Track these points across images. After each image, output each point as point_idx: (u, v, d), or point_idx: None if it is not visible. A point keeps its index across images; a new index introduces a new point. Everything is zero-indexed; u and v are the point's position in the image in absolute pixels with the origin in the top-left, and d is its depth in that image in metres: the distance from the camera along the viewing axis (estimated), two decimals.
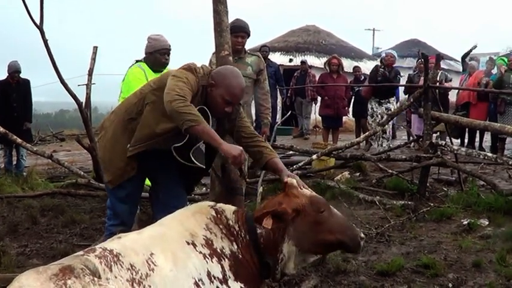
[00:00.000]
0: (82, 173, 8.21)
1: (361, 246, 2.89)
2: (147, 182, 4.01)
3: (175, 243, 2.55)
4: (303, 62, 15.44)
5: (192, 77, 3.26)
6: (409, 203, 6.27)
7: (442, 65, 12.73)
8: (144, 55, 5.35)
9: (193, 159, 3.34)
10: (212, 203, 2.92)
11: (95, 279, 2.16)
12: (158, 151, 3.49)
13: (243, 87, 3.42)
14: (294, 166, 7.70)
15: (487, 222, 5.64)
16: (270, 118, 5.96)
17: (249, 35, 5.74)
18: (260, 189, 6.07)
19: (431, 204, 6.20)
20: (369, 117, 11.33)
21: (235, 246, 2.72)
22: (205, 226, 2.71)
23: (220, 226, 2.75)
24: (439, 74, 11.15)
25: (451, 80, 11.97)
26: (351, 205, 6.30)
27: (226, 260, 2.64)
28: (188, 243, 2.58)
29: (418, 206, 6.14)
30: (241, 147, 3.08)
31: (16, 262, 4.65)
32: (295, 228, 2.73)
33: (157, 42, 5.23)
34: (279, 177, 3.18)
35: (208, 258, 2.57)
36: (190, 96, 3.14)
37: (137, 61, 5.33)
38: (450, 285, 4.11)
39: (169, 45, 5.28)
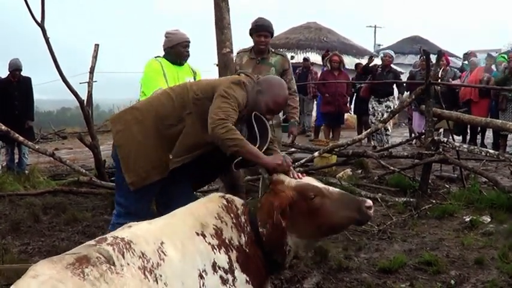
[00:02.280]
0: (84, 170, 8.21)
1: (370, 214, 2.77)
2: None
3: (184, 234, 2.55)
4: (306, 59, 15.43)
5: (241, 92, 3.31)
6: (411, 200, 6.26)
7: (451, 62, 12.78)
8: (163, 52, 5.35)
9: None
10: (222, 194, 2.94)
11: (112, 267, 2.16)
12: None
13: (287, 99, 3.55)
14: (296, 163, 7.68)
15: (489, 219, 5.63)
16: (297, 117, 5.88)
17: (272, 35, 5.64)
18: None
19: (434, 201, 6.21)
20: (371, 117, 11.43)
21: (243, 239, 2.72)
22: (217, 215, 2.71)
23: (231, 215, 2.76)
24: (449, 70, 11.20)
25: (460, 77, 11.98)
26: None
27: (233, 251, 2.65)
28: (198, 234, 2.58)
29: (420, 203, 6.13)
30: (282, 155, 3.10)
31: (18, 260, 4.64)
32: (292, 222, 2.72)
33: (177, 35, 5.23)
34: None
35: (216, 249, 2.58)
36: (235, 115, 3.20)
37: (156, 57, 5.34)
38: (452, 282, 4.11)
39: (188, 38, 5.26)
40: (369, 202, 2.77)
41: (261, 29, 5.47)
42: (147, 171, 3.48)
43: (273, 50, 5.68)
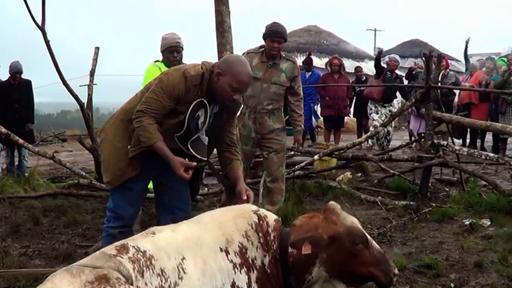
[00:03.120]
0: (84, 173, 8.21)
1: (393, 282, 2.83)
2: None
3: (208, 249, 2.51)
4: None
5: (177, 80, 3.35)
6: (411, 203, 6.27)
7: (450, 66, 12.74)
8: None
9: (191, 149, 3.45)
10: (255, 208, 2.87)
11: (130, 287, 2.13)
12: None
13: (250, 75, 3.45)
14: (296, 166, 7.71)
15: (489, 223, 5.63)
16: (302, 125, 5.91)
17: (285, 40, 5.64)
18: (261, 190, 6.07)
19: (433, 205, 6.20)
20: (373, 114, 11.31)
21: (267, 259, 2.69)
22: (244, 233, 2.66)
23: (260, 234, 2.70)
24: (449, 75, 11.16)
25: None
26: (352, 205, 6.30)
27: (255, 271, 2.62)
28: (221, 250, 2.55)
29: (420, 206, 6.13)
30: (182, 161, 3.29)
31: (18, 263, 4.65)
32: (328, 255, 2.68)
33: (166, 40, 5.23)
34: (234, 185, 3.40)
35: (237, 269, 2.55)
36: (159, 106, 3.34)
37: (155, 61, 5.34)
38: (452, 285, 4.11)
39: (178, 42, 5.24)
40: (396, 271, 2.82)
41: (274, 35, 5.47)
42: (121, 169, 3.53)
43: (284, 55, 5.68)
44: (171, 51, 5.21)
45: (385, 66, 11.95)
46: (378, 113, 11.27)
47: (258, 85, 5.40)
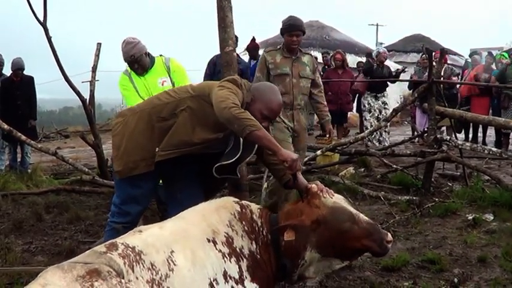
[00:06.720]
0: (86, 169, 8.21)
1: (389, 248, 2.87)
2: None
3: (196, 241, 2.55)
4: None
5: (239, 91, 3.29)
6: (414, 198, 6.25)
7: (448, 59, 12.72)
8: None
9: (238, 173, 3.44)
10: (236, 199, 2.93)
11: (122, 280, 2.16)
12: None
13: (281, 103, 3.49)
14: None
15: (492, 217, 5.62)
16: (329, 114, 5.87)
17: (304, 33, 5.57)
18: (265, 185, 6.07)
19: (436, 200, 6.19)
20: (366, 113, 11.37)
21: (255, 246, 2.73)
22: (228, 223, 2.71)
23: (243, 222, 2.75)
24: (444, 67, 11.14)
25: (458, 75, 11.95)
26: (355, 200, 6.29)
27: (244, 260, 2.65)
28: (209, 241, 2.58)
29: (423, 201, 6.12)
30: (297, 154, 3.09)
31: (21, 259, 4.66)
32: (317, 237, 2.74)
33: (124, 51, 4.92)
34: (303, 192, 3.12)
35: (226, 258, 2.58)
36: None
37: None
38: (455, 280, 4.10)
39: (132, 56, 4.86)
40: (390, 237, 2.86)
41: (293, 28, 5.37)
42: (135, 162, 3.50)
43: (301, 50, 5.60)
44: (132, 63, 4.93)
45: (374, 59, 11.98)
46: (370, 112, 11.27)
47: (288, 81, 5.32)
